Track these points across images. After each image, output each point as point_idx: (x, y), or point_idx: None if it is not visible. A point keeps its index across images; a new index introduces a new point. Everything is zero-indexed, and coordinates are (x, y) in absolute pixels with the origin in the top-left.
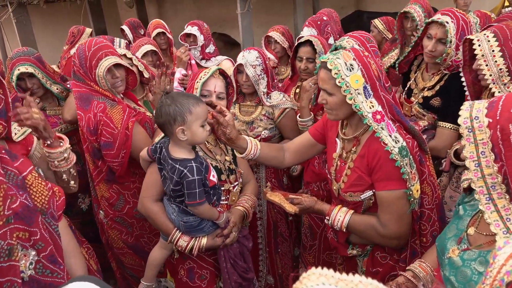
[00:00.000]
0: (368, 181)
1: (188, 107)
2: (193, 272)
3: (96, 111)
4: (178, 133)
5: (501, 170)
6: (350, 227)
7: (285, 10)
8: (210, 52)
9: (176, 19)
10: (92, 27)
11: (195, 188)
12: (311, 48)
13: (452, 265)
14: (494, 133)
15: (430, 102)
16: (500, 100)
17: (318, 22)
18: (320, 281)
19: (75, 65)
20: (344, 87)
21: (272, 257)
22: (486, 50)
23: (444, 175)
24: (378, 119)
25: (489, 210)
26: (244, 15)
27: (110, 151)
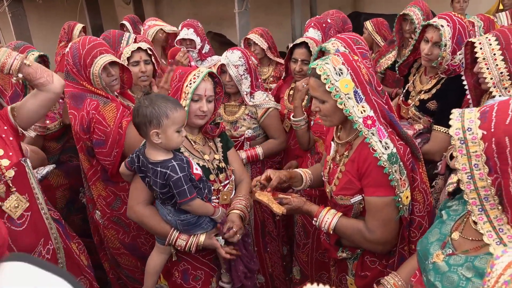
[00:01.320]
0: (358, 186)
1: (166, 111)
2: (188, 274)
3: (89, 108)
4: (152, 136)
5: (494, 183)
6: (337, 230)
7: (283, 10)
8: (206, 52)
9: (172, 16)
10: (88, 23)
11: (183, 185)
12: (306, 50)
13: (437, 270)
14: (489, 146)
15: (426, 105)
16: (493, 110)
17: (323, 24)
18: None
19: (68, 64)
20: (334, 92)
21: (261, 256)
22: (488, 53)
23: (440, 178)
24: (369, 124)
25: (482, 221)
26: (241, 14)
27: (102, 149)
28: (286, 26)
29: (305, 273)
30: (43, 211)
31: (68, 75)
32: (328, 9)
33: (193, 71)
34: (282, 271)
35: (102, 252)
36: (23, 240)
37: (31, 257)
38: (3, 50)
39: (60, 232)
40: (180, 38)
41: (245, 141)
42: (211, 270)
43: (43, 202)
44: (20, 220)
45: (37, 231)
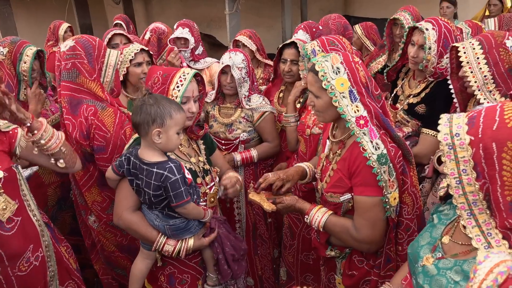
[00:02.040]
0: (348, 184)
1: (170, 111)
2: (174, 277)
3: (86, 114)
4: (153, 135)
5: (482, 188)
6: (326, 227)
7: (273, 12)
8: (199, 54)
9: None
10: (77, 22)
11: (180, 187)
12: (295, 50)
13: (427, 274)
14: (477, 151)
15: (415, 108)
16: (480, 116)
17: (314, 29)
18: None
19: (74, 57)
20: (330, 89)
21: (251, 258)
22: (471, 57)
23: (427, 181)
24: (361, 124)
25: (471, 225)
26: (232, 16)
27: (103, 154)
28: (276, 28)
29: (291, 275)
30: (35, 218)
31: (66, 74)
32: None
33: (178, 73)
34: (271, 274)
35: (93, 255)
36: (11, 245)
37: None
38: (49, 131)
39: (51, 239)
40: (174, 37)
41: (240, 144)
42: (197, 273)
43: (35, 209)
44: (9, 224)
45: (26, 237)
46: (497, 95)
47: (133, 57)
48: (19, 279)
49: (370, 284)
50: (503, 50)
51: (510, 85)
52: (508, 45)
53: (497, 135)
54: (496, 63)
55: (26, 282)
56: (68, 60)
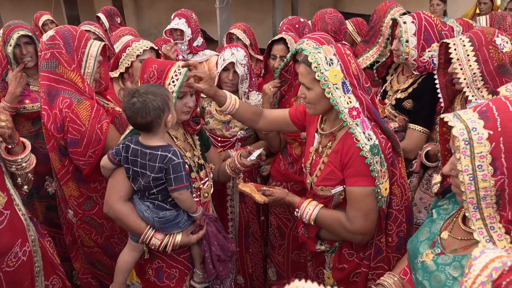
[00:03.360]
0: (339, 176)
1: (165, 93)
2: (162, 271)
3: (61, 106)
4: (168, 121)
5: (497, 183)
6: (318, 221)
7: (264, 6)
8: (198, 46)
9: (152, 9)
10: (64, 14)
11: (182, 171)
12: (284, 46)
13: (426, 270)
14: (497, 146)
15: (402, 104)
16: (493, 109)
17: (296, 25)
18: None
19: (53, 47)
20: (323, 81)
21: (242, 257)
22: (462, 54)
23: (414, 176)
24: (354, 115)
25: (475, 218)
26: (222, 10)
27: (77, 148)
28: (267, 23)
29: (281, 274)
30: (21, 212)
31: (45, 64)
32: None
33: (173, 67)
34: (262, 272)
35: (73, 252)
36: (1, 240)
37: None
38: (31, 158)
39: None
40: (170, 28)
41: (237, 142)
42: (185, 268)
43: (20, 203)
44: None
45: (14, 231)
46: (485, 92)
47: (141, 53)
48: (7, 275)
49: (360, 276)
50: (493, 48)
51: (497, 82)
52: (498, 43)
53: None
54: (486, 61)
55: (14, 277)
56: (47, 50)
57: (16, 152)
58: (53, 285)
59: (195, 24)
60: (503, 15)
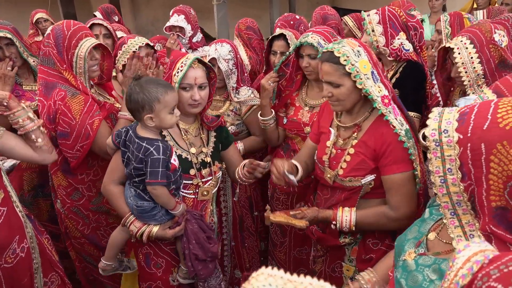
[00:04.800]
0: (370, 166)
1: (156, 95)
2: (150, 258)
3: (56, 98)
4: (146, 120)
5: (467, 189)
6: (359, 224)
7: (261, 3)
8: (198, 41)
9: (148, 7)
10: (60, 11)
11: (159, 167)
12: (285, 42)
13: (405, 268)
14: (464, 151)
15: None
16: (472, 112)
17: (291, 21)
18: (267, 281)
19: (48, 45)
20: (355, 72)
21: (239, 251)
22: (466, 57)
23: None
24: (386, 103)
25: (453, 225)
26: (219, 7)
27: (66, 141)
28: (264, 20)
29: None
30: (18, 209)
31: (44, 60)
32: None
33: (182, 59)
34: (259, 266)
35: (69, 241)
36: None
37: None
38: (24, 112)
39: (33, 230)
40: (170, 25)
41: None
42: (173, 260)
43: (17, 200)
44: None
45: (12, 227)
46: (485, 87)
47: (136, 49)
48: (5, 271)
49: None
50: (493, 46)
51: (496, 77)
52: (496, 39)
53: (487, 135)
54: (488, 60)
55: (13, 274)
56: (45, 47)
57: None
58: (52, 282)
59: (194, 20)
60: (500, 10)
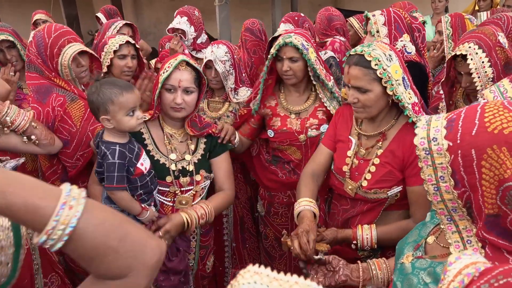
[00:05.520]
0: (398, 177)
1: (110, 96)
2: None
3: (54, 104)
4: (103, 121)
5: (462, 196)
6: (380, 240)
7: (263, 5)
8: (202, 42)
9: (150, 8)
10: (63, 12)
11: (114, 172)
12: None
13: (402, 271)
14: (455, 158)
15: None
16: (460, 118)
17: (296, 17)
18: (253, 279)
19: (31, 53)
20: (386, 78)
21: (240, 252)
22: (478, 63)
23: None
24: (417, 111)
25: (451, 231)
26: (221, 8)
27: (66, 149)
28: (266, 21)
29: None
30: None
31: (31, 66)
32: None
33: (171, 60)
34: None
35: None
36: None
37: None
38: (14, 109)
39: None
40: (172, 27)
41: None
42: None
43: None
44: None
45: None
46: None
47: (117, 48)
48: None
49: None
50: (500, 49)
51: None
52: (501, 41)
53: (476, 141)
54: (496, 63)
55: None
56: (30, 54)
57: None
58: (52, 283)
59: (197, 21)
60: (503, 11)
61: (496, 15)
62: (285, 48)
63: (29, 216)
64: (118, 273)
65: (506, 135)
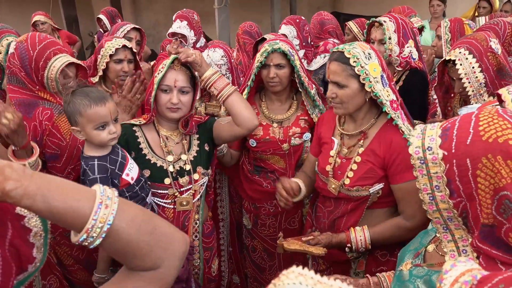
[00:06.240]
0: (379, 174)
1: (79, 108)
2: None
3: (41, 118)
4: (74, 132)
5: (458, 205)
6: (374, 241)
7: (262, 7)
8: (201, 46)
9: (150, 11)
10: (62, 14)
11: None
12: None
13: (399, 278)
14: (451, 168)
15: None
16: (454, 127)
17: (297, 20)
18: (298, 280)
19: (14, 66)
20: (364, 75)
21: (237, 256)
22: (468, 68)
23: None
24: (395, 108)
25: (446, 239)
26: (221, 10)
27: (56, 163)
28: (265, 23)
29: None
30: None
31: (12, 78)
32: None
33: (165, 60)
34: None
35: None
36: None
37: None
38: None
39: None
40: (172, 31)
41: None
42: None
43: None
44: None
45: None
46: (485, 96)
47: (113, 52)
48: None
49: None
50: (491, 54)
51: (497, 85)
52: (493, 47)
53: (471, 150)
54: (487, 68)
55: None
56: (12, 66)
57: (22, 156)
58: (50, 285)
59: (197, 25)
60: (502, 16)
61: (493, 21)
62: (272, 55)
63: (69, 217)
64: (151, 265)
65: (501, 143)
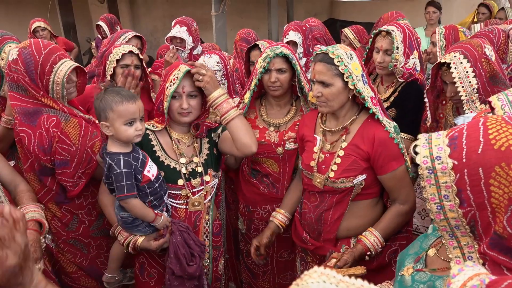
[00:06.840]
0: (362, 166)
1: (111, 104)
2: (143, 268)
3: (47, 126)
4: (102, 127)
5: (467, 214)
6: (385, 236)
7: (259, 14)
8: (198, 54)
9: (148, 17)
10: (60, 21)
11: (123, 181)
12: (259, 52)
13: (401, 284)
14: (462, 177)
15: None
16: (463, 136)
17: (303, 28)
18: (321, 279)
19: (16, 72)
20: (347, 73)
21: (233, 263)
22: (462, 73)
23: None
24: (375, 103)
25: (452, 246)
26: (218, 17)
27: (66, 169)
28: (262, 30)
29: None
30: None
31: (13, 86)
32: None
33: (174, 71)
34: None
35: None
36: None
37: None
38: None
39: None
40: (171, 36)
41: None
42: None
43: None
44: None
45: None
46: (478, 103)
47: (119, 57)
48: None
49: (395, 254)
50: (485, 61)
51: (489, 92)
52: (488, 54)
53: (483, 159)
54: (480, 74)
55: None
56: (13, 73)
57: None
58: None
59: (195, 32)
60: (497, 23)
61: (487, 28)
62: (273, 60)
63: None
64: None
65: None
